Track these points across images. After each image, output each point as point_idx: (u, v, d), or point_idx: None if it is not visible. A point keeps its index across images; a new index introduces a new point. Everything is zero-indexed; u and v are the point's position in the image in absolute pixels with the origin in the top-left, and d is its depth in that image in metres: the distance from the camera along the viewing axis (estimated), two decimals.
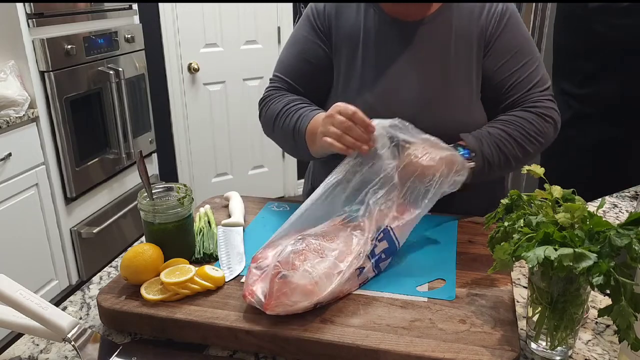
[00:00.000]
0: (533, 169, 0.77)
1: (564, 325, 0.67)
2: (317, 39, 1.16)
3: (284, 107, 1.13)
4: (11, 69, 2.15)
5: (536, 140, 1.07)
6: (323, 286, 0.75)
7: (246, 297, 0.75)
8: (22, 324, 0.73)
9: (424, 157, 0.90)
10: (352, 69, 1.14)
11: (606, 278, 0.59)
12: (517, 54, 1.10)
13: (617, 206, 1.21)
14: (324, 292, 0.74)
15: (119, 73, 2.62)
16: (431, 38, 1.10)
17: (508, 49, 1.10)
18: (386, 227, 0.86)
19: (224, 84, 3.36)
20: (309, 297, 0.73)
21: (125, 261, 0.81)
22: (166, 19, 3.09)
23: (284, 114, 1.12)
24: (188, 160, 3.41)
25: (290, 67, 1.20)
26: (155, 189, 0.91)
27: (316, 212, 0.88)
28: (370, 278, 0.84)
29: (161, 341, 0.76)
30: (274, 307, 0.72)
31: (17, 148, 2.13)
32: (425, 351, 0.67)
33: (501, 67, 1.09)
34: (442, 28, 1.10)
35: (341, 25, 1.15)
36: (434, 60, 1.10)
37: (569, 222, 0.67)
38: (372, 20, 1.13)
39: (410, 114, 1.08)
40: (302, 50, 1.18)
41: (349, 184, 0.89)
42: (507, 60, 1.09)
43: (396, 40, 1.11)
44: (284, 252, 0.77)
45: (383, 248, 0.85)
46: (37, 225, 2.29)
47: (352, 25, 1.14)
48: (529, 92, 1.10)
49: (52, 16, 2.31)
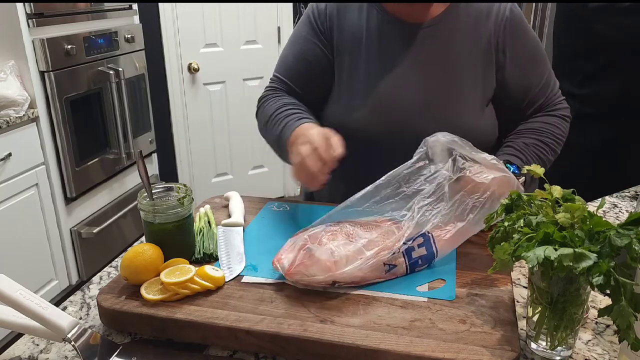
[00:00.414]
0: (533, 169, 0.77)
1: (564, 325, 0.67)
2: (316, 39, 1.16)
3: (275, 111, 1.12)
4: (11, 69, 2.15)
5: (562, 141, 1.11)
6: (342, 266, 0.79)
7: (274, 263, 0.83)
8: (22, 324, 0.73)
9: (478, 173, 0.88)
10: (355, 69, 1.13)
11: (606, 278, 0.59)
12: (534, 59, 1.11)
13: (617, 206, 1.21)
14: (341, 270, 0.78)
15: (119, 73, 2.62)
16: (435, 40, 1.09)
17: (525, 57, 1.11)
18: (427, 232, 0.86)
19: (224, 84, 3.36)
20: (326, 272, 0.78)
21: (125, 261, 0.81)
22: (166, 19, 3.09)
23: (274, 119, 1.11)
24: (188, 160, 3.41)
25: (288, 68, 1.19)
26: (155, 189, 0.91)
27: (360, 210, 0.90)
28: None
29: (161, 341, 0.76)
30: (293, 275, 0.79)
31: (17, 148, 2.13)
32: (425, 351, 0.67)
33: (522, 76, 1.11)
34: (447, 30, 1.09)
35: (344, 26, 1.14)
36: (438, 62, 1.09)
37: (569, 222, 0.67)
38: (376, 21, 1.12)
39: (413, 116, 1.08)
40: (301, 50, 1.17)
41: (400, 190, 0.89)
42: (526, 68, 1.11)
43: (399, 42, 1.11)
44: (317, 229, 0.86)
45: (421, 254, 0.85)
46: (37, 225, 2.29)
47: (355, 26, 1.13)
48: (549, 96, 1.14)
49: (52, 16, 2.31)
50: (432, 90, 1.09)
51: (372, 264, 0.80)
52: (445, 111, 1.08)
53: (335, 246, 0.81)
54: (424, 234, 0.85)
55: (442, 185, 0.87)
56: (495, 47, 1.09)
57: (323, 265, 0.79)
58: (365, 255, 0.80)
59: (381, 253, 0.81)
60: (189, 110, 3.32)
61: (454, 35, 1.09)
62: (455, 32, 1.09)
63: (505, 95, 1.12)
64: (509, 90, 1.11)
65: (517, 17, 1.11)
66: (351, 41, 1.13)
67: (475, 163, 0.89)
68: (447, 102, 1.09)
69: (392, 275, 0.84)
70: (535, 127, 1.11)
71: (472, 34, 1.09)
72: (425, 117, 1.08)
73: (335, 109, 1.15)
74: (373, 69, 1.11)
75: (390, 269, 0.83)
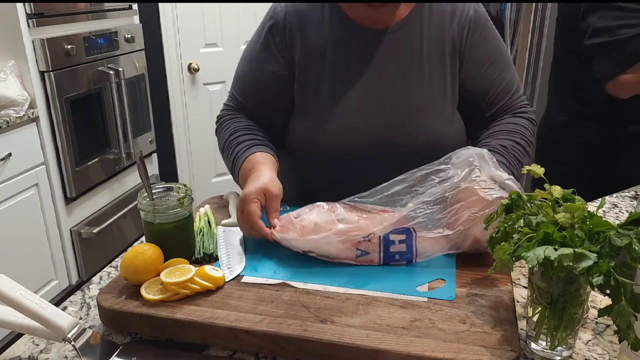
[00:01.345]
0: (533, 169, 0.77)
1: (564, 325, 0.67)
2: (272, 58, 1.09)
3: (228, 137, 1.09)
4: (11, 69, 2.15)
5: (532, 144, 1.07)
6: (309, 232, 0.86)
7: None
8: (22, 324, 0.73)
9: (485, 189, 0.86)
10: (321, 85, 1.07)
11: (606, 278, 0.59)
12: (495, 61, 1.08)
13: (617, 206, 1.21)
14: (310, 237, 0.85)
15: (119, 73, 2.62)
16: (401, 45, 1.06)
17: (486, 57, 1.08)
18: (412, 230, 0.85)
19: (224, 84, 3.36)
20: (294, 234, 0.87)
21: (125, 261, 0.81)
22: (166, 19, 3.09)
23: (227, 147, 1.08)
24: (188, 160, 3.41)
25: (242, 87, 1.14)
26: (155, 189, 0.91)
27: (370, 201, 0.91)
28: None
29: (161, 341, 0.76)
30: (277, 233, 0.88)
31: (17, 148, 2.13)
32: (425, 351, 0.67)
33: (482, 76, 1.07)
34: (411, 35, 1.06)
35: (305, 40, 1.08)
36: (405, 69, 1.06)
37: (569, 222, 0.67)
38: (338, 30, 1.07)
39: (384, 126, 1.05)
40: (256, 68, 1.11)
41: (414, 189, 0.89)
42: (487, 68, 1.07)
43: (364, 49, 1.06)
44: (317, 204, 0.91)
45: (400, 250, 0.85)
46: (37, 225, 2.29)
47: (317, 38, 1.07)
48: (512, 98, 1.10)
49: (52, 16, 2.31)
50: (403, 98, 1.06)
51: (342, 241, 0.82)
52: (416, 120, 1.05)
53: (312, 215, 0.88)
54: (408, 230, 0.85)
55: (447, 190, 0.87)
56: (458, 48, 1.07)
57: (293, 226, 0.87)
58: (336, 229, 0.82)
59: (354, 232, 0.82)
60: (189, 110, 3.32)
61: (420, 38, 1.06)
62: (421, 36, 1.06)
63: (464, 95, 1.08)
64: (467, 90, 1.08)
65: (481, 17, 1.08)
66: (315, 55, 1.07)
67: (490, 180, 0.87)
68: (417, 111, 1.06)
69: (365, 261, 0.84)
70: (505, 128, 1.06)
71: (438, 36, 1.06)
72: (395, 127, 1.05)
73: (302, 127, 1.10)
74: (339, 83, 1.06)
75: (361, 255, 0.84)
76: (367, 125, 1.06)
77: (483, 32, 1.08)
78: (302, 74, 1.09)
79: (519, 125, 1.07)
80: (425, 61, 1.06)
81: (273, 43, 1.09)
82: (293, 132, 1.12)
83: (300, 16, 1.08)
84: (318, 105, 1.08)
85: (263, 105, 1.13)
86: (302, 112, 1.10)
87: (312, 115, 1.09)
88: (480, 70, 1.08)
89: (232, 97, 1.17)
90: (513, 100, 1.10)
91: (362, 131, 1.06)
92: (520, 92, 1.12)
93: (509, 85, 1.10)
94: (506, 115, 1.09)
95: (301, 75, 1.09)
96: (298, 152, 1.13)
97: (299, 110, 1.11)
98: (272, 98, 1.12)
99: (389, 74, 1.06)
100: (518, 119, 1.08)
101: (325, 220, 0.87)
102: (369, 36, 1.06)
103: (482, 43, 1.08)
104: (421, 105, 1.06)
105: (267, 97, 1.12)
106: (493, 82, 1.08)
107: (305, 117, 1.10)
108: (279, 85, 1.10)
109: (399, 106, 1.06)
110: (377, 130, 1.06)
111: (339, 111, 1.06)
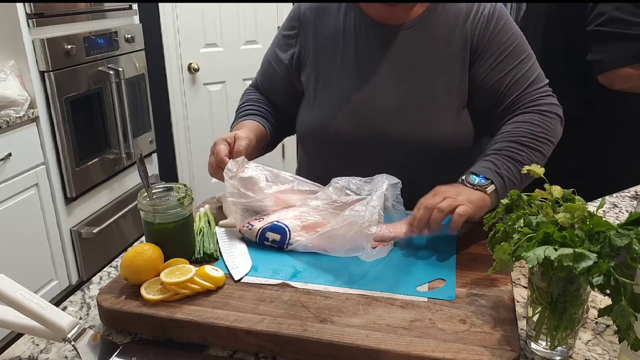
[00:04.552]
0: (533, 169, 0.77)
1: (564, 325, 0.67)
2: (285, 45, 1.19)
3: (237, 109, 1.24)
4: (11, 69, 2.15)
5: (546, 139, 1.03)
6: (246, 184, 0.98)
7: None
8: (22, 324, 0.73)
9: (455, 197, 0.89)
10: (331, 74, 1.11)
11: (606, 278, 0.59)
12: (510, 53, 1.07)
13: (617, 206, 1.21)
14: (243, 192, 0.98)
15: (119, 73, 2.62)
16: (414, 42, 1.08)
17: (499, 50, 1.07)
18: (285, 227, 0.93)
19: (224, 84, 3.36)
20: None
21: (125, 261, 0.81)
22: (166, 19, 3.09)
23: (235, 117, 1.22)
24: (188, 160, 3.41)
25: (261, 67, 1.27)
26: (155, 189, 0.91)
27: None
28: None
29: (161, 341, 0.76)
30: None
31: (17, 148, 2.13)
32: (425, 351, 0.67)
33: (494, 68, 1.06)
34: (424, 33, 1.07)
35: (320, 30, 1.13)
36: (416, 65, 1.07)
37: (569, 222, 0.67)
38: (352, 23, 1.10)
39: (389, 121, 1.07)
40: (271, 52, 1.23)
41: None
42: (499, 61, 1.07)
43: (376, 44, 1.09)
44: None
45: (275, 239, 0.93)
46: (37, 225, 2.29)
47: (332, 28, 1.12)
48: (527, 90, 1.07)
49: (52, 16, 2.31)
50: (408, 95, 1.07)
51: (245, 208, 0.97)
52: (421, 116, 1.07)
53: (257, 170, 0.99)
54: (283, 227, 0.92)
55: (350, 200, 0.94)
56: (470, 46, 1.07)
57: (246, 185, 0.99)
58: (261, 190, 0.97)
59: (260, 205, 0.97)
60: (189, 110, 3.32)
61: (433, 36, 1.07)
62: (434, 34, 1.07)
63: (476, 89, 1.08)
64: (477, 86, 1.08)
65: (497, 13, 1.08)
66: (327, 44, 1.12)
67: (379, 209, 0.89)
68: (423, 107, 1.07)
69: (249, 231, 0.95)
70: (507, 130, 1.04)
71: (451, 36, 1.07)
72: (401, 121, 1.06)
73: (311, 115, 1.15)
74: (349, 74, 1.10)
75: (251, 227, 0.95)
76: (371, 118, 1.09)
77: (497, 26, 1.08)
78: (313, 64, 1.14)
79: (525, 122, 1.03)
80: (435, 59, 1.07)
81: (289, 32, 1.19)
82: (301, 120, 1.19)
83: (318, 9, 1.16)
84: (326, 95, 1.12)
85: (273, 88, 1.24)
86: (310, 100, 1.15)
87: (319, 105, 1.13)
88: (493, 62, 1.07)
89: (256, 76, 1.29)
90: (528, 94, 1.07)
91: (366, 123, 1.09)
92: (539, 85, 1.08)
93: (524, 77, 1.07)
94: (517, 112, 1.06)
95: (312, 65, 1.14)
96: (305, 140, 1.20)
97: (308, 98, 1.16)
98: (281, 83, 1.21)
99: (398, 69, 1.08)
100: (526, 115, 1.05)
101: (260, 177, 0.97)
102: (383, 31, 1.09)
103: (496, 37, 1.07)
104: (426, 102, 1.07)
105: (277, 81, 1.22)
106: (506, 74, 1.06)
107: (314, 105, 1.14)
108: (286, 73, 1.19)
109: (404, 101, 1.07)
110: (380, 123, 1.08)
111: (346, 103, 1.10)
